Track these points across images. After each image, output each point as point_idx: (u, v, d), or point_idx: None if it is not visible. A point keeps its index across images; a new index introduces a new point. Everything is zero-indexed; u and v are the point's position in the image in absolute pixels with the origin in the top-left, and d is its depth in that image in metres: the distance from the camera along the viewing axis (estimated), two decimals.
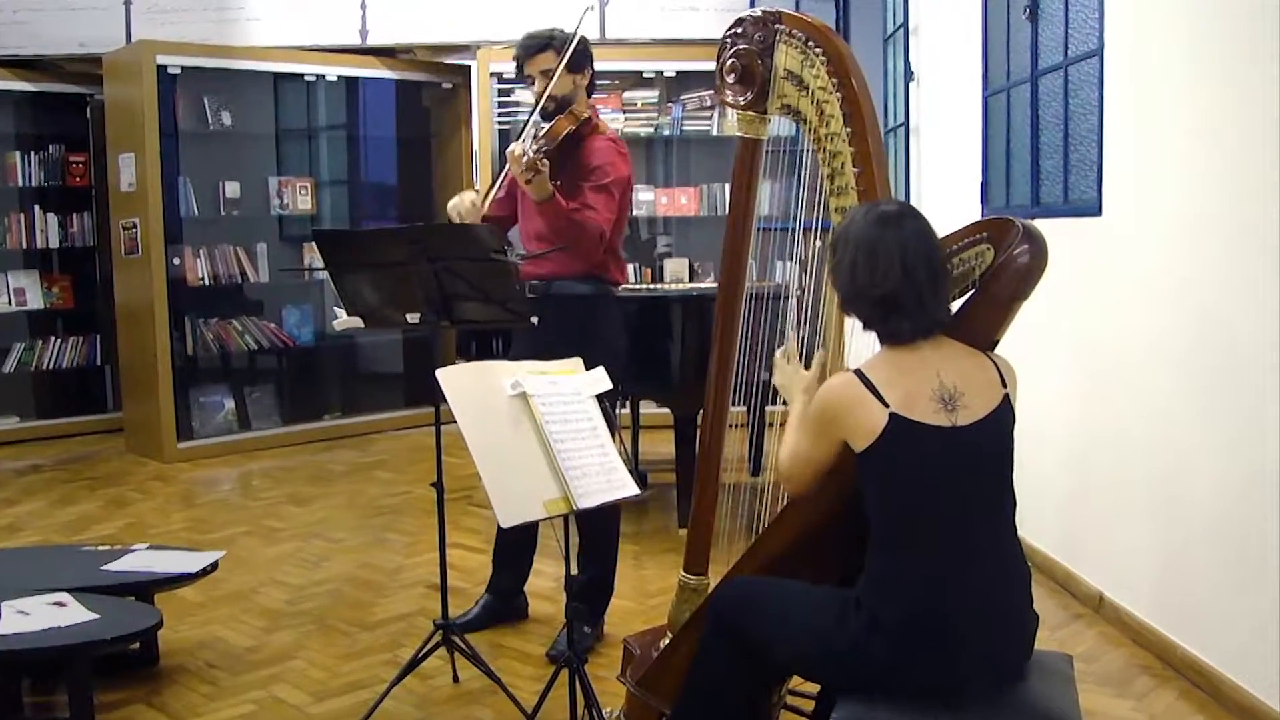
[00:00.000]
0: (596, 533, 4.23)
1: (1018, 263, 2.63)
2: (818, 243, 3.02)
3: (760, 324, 3.27)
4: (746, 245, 3.12)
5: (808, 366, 2.93)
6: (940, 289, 2.58)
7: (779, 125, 3.11)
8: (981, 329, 2.66)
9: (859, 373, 2.55)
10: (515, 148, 3.92)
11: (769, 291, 3.83)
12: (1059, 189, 4.79)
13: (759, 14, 2.99)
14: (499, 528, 4.44)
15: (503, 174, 4.26)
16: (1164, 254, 3.97)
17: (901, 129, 7.11)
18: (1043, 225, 2.73)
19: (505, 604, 4.53)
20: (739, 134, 3.07)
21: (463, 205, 4.22)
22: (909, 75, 6.90)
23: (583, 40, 4.25)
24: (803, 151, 3.08)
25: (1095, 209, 4.40)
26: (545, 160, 3.94)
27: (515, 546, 4.45)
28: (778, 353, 2.97)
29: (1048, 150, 4.92)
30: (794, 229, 3.14)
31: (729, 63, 3.02)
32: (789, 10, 3.01)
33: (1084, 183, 4.57)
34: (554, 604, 4.65)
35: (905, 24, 6.97)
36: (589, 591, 4.23)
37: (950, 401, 2.49)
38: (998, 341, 2.69)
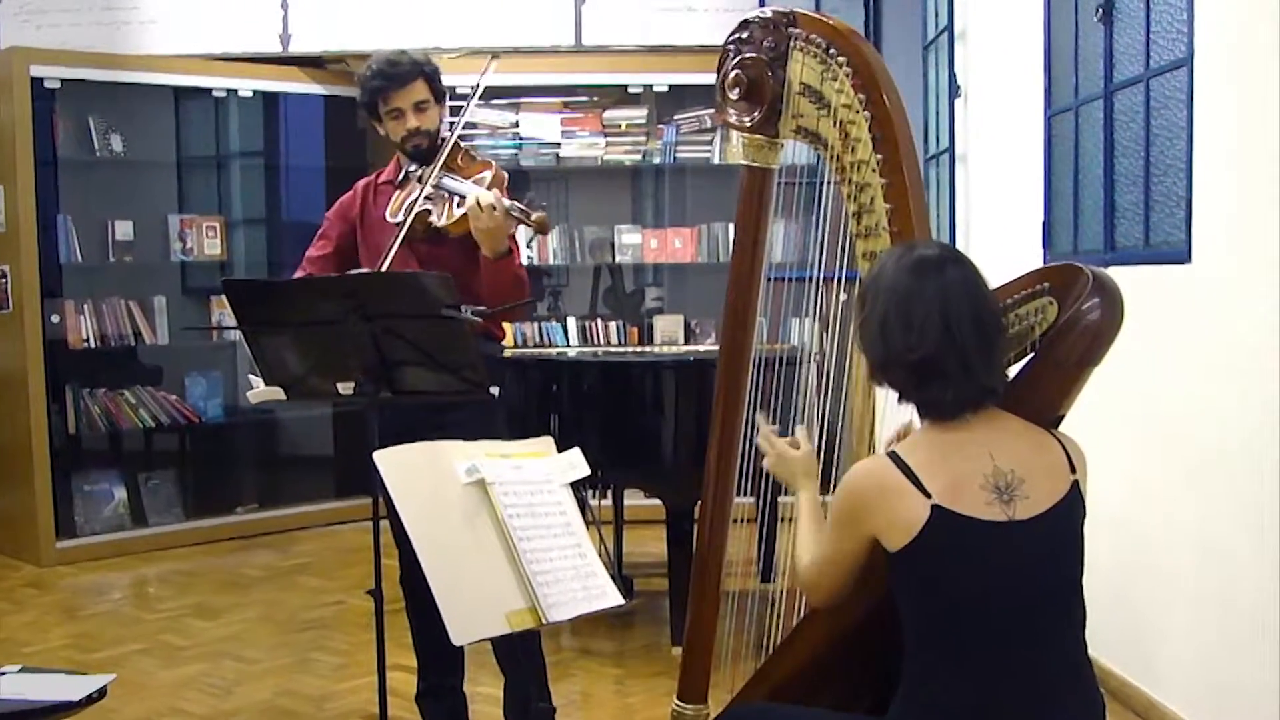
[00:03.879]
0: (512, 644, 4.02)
1: (1087, 320, 2.64)
2: (842, 295, 3.04)
3: (771, 395, 3.28)
4: (755, 299, 3.14)
5: (822, 447, 2.92)
6: (992, 351, 2.59)
7: (794, 151, 3.13)
8: (1043, 400, 2.67)
9: (894, 455, 2.55)
10: (482, 196, 3.96)
11: (782, 355, 3.84)
12: (1138, 230, 4.82)
13: (769, 15, 3.02)
14: (416, 636, 4.45)
15: (400, 229, 4.22)
16: (1267, 311, 3.96)
17: (945, 156, 7.18)
18: (1118, 274, 2.75)
19: None
20: (745, 162, 3.10)
21: None
22: (954, 90, 6.97)
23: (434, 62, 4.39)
24: (823, 184, 3.10)
25: (1183, 255, 4.43)
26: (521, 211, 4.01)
27: (440, 660, 4.41)
28: (760, 434, 2.97)
29: (1124, 183, 4.96)
30: (812, 279, 3.16)
31: (733, 75, 3.05)
32: (806, 11, 3.03)
33: (1169, 223, 4.60)
34: None
35: (950, 28, 7.04)
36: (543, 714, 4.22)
37: (1006, 490, 2.50)
38: (1063, 416, 2.70)
